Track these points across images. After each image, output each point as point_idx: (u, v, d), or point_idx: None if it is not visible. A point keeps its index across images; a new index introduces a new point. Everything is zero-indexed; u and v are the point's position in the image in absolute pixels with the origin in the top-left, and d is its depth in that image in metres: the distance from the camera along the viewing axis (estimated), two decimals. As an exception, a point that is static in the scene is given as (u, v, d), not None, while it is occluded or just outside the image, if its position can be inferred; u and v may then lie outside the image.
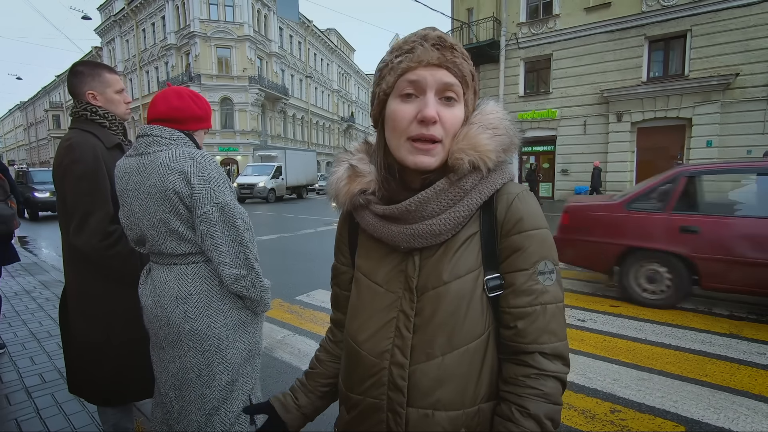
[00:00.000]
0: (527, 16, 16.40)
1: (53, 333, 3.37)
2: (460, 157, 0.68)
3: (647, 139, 14.41)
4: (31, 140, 64.50)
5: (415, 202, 0.69)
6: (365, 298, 0.77)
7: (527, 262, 0.69)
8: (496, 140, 0.69)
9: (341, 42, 48.36)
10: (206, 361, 1.27)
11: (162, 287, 1.28)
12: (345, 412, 0.80)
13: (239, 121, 28.71)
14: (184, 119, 1.34)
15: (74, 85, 1.65)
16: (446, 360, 0.69)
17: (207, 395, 1.28)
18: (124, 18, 35.28)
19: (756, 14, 12.25)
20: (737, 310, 3.87)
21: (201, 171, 1.21)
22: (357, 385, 0.76)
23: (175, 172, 1.20)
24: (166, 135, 1.28)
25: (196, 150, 1.28)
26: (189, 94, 1.37)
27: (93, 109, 1.63)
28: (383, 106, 0.71)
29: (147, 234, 1.27)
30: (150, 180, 1.21)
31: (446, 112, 0.67)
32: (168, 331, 1.28)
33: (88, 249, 1.49)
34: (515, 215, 0.70)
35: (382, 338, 0.73)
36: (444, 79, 0.66)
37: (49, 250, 7.79)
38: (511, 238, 0.70)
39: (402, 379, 0.70)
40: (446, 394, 0.68)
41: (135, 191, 1.25)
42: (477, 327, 0.70)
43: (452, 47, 0.67)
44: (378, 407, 0.72)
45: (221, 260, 1.24)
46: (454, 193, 0.69)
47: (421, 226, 0.69)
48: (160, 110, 1.31)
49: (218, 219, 1.22)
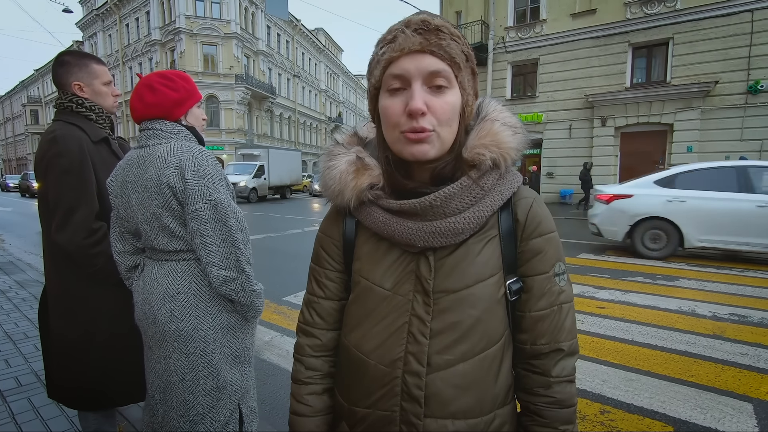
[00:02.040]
0: (515, 21, 16.59)
1: (30, 335, 3.25)
2: (483, 153, 0.66)
3: (630, 144, 14.72)
4: (8, 136, 62.61)
5: (440, 197, 0.65)
6: (369, 303, 0.71)
7: (547, 265, 0.70)
8: (516, 138, 0.68)
9: (329, 42, 48.22)
10: (190, 364, 1.22)
11: (152, 284, 1.24)
12: (347, 428, 0.74)
13: (225, 120, 28.33)
14: (165, 111, 1.26)
15: (60, 75, 1.56)
16: (467, 366, 0.66)
17: (190, 401, 1.22)
18: (106, 12, 34.48)
19: (735, 24, 12.63)
20: (719, 311, 3.95)
21: (197, 166, 1.17)
22: (363, 398, 0.70)
23: (172, 165, 1.16)
24: (166, 129, 1.25)
25: (195, 145, 1.24)
26: (159, 80, 1.28)
27: (79, 101, 1.55)
28: (376, 101, 0.69)
29: (141, 228, 1.23)
30: (147, 173, 1.18)
31: (436, 100, 0.62)
32: (155, 330, 1.24)
33: (72, 247, 1.41)
34: (536, 218, 0.70)
35: (393, 345, 0.68)
36: (429, 68, 0.61)
37: (25, 249, 7.55)
38: (532, 242, 0.69)
39: (418, 389, 0.65)
40: (466, 403, 0.66)
41: (134, 183, 1.21)
42: (497, 332, 0.69)
43: (437, 29, 0.62)
44: (390, 420, 0.67)
45: (210, 260, 1.18)
46: (476, 191, 0.66)
47: (442, 223, 0.66)
48: (140, 111, 1.26)
49: (210, 217, 1.17)
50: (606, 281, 5.07)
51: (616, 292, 4.61)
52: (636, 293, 4.55)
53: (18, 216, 13.56)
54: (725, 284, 4.88)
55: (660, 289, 4.74)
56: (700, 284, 4.89)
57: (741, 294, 4.49)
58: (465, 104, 0.67)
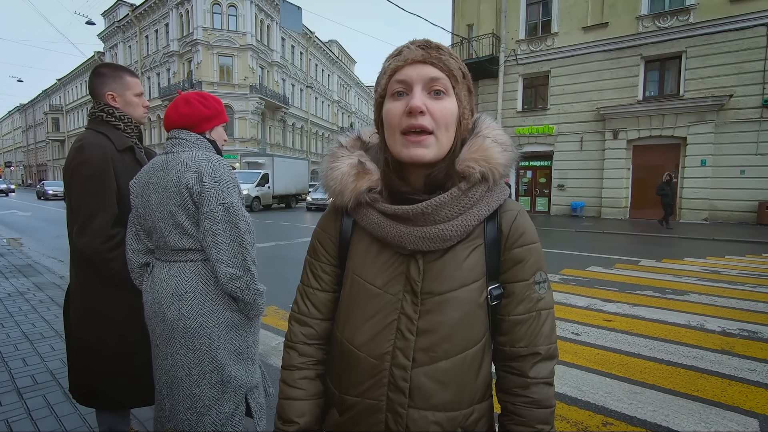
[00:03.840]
0: (526, 34, 16.69)
1: (46, 335, 3.36)
2: (472, 166, 0.71)
3: (642, 157, 14.60)
4: (29, 142, 64.37)
5: (432, 205, 0.71)
6: (361, 300, 0.76)
7: (527, 273, 0.75)
8: (505, 155, 0.74)
9: (342, 54, 48.86)
10: (197, 359, 1.31)
11: (161, 284, 1.34)
12: (337, 414, 0.79)
13: (239, 129, 28.82)
14: (195, 122, 1.43)
15: (95, 85, 1.67)
16: (448, 364, 0.71)
17: (197, 394, 1.31)
18: (127, 24, 35.58)
19: (749, 38, 12.55)
20: (729, 326, 3.90)
21: (214, 172, 1.30)
22: (353, 387, 0.75)
23: (192, 169, 1.29)
24: (190, 138, 1.40)
25: (214, 154, 1.39)
26: (196, 97, 1.45)
27: (109, 110, 1.65)
28: (381, 110, 0.75)
29: (156, 225, 1.34)
30: (169, 175, 1.31)
31: (435, 104, 0.69)
32: (163, 327, 1.33)
33: (90, 251, 1.48)
34: (519, 230, 0.75)
35: (382, 340, 0.73)
36: (430, 74, 0.69)
37: (43, 252, 7.75)
38: (514, 251, 0.75)
39: (404, 381, 0.71)
40: (446, 397, 0.71)
41: (155, 185, 1.33)
42: (477, 333, 0.74)
43: (438, 47, 0.71)
44: (377, 408, 0.73)
45: (219, 257, 1.28)
46: (465, 202, 0.72)
47: (432, 229, 0.71)
48: (173, 119, 1.42)
49: (222, 218, 1.28)
50: (614, 294, 5.03)
51: (624, 305, 4.58)
52: (644, 307, 4.52)
53: (36, 221, 13.93)
54: (736, 299, 4.81)
55: (669, 303, 4.69)
56: (710, 299, 4.83)
57: (752, 310, 4.42)
58: (461, 116, 0.73)
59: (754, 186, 12.81)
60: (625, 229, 12.13)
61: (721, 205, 13.28)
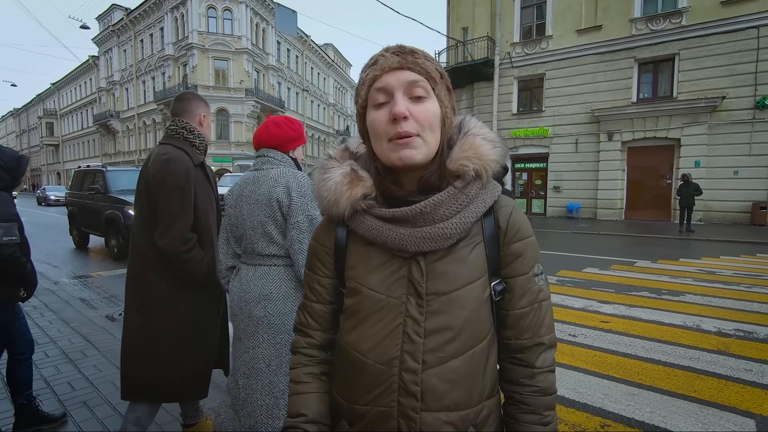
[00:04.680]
0: (521, 36, 16.80)
1: (40, 342, 3.32)
2: (466, 164, 0.72)
3: (637, 158, 14.70)
4: (23, 147, 64.00)
5: (430, 204, 0.71)
6: (364, 307, 0.75)
7: (527, 266, 0.77)
8: (496, 151, 0.75)
9: (338, 57, 48.99)
10: (276, 352, 1.53)
11: (248, 284, 1.55)
12: (347, 426, 0.77)
13: (234, 133, 28.80)
14: (282, 143, 1.66)
15: (194, 106, 1.89)
16: (458, 362, 0.71)
17: (275, 382, 1.53)
18: (122, 28, 35.55)
19: (741, 40, 12.69)
20: (724, 327, 3.92)
21: (300, 187, 1.52)
22: (362, 395, 0.74)
23: (281, 185, 1.51)
24: (277, 157, 1.63)
25: (299, 171, 1.62)
26: (284, 121, 1.69)
27: (190, 128, 1.86)
28: (364, 120, 0.75)
29: (246, 233, 1.56)
30: (260, 189, 1.54)
31: (417, 108, 0.69)
32: (248, 323, 1.55)
33: (169, 251, 1.67)
34: (516, 224, 0.77)
35: (389, 345, 0.72)
36: (408, 78, 0.69)
37: (37, 258, 7.69)
38: (513, 245, 0.76)
39: (415, 385, 0.70)
40: (458, 396, 0.71)
41: (247, 198, 1.56)
42: (483, 329, 0.75)
43: (412, 51, 0.72)
44: (388, 415, 0.71)
45: (303, 263, 1.40)
46: (462, 199, 0.72)
47: (432, 229, 0.71)
48: (264, 139, 1.65)
49: (307, 228, 1.49)
50: (611, 296, 5.05)
51: (621, 306, 4.60)
52: (640, 308, 4.54)
53: (31, 226, 13.82)
54: (732, 300, 4.83)
55: (665, 304, 4.71)
56: (706, 300, 4.86)
57: (747, 310, 4.45)
58: (444, 116, 0.73)
59: (748, 187, 12.93)
60: (620, 230, 12.20)
61: (716, 205, 13.38)
